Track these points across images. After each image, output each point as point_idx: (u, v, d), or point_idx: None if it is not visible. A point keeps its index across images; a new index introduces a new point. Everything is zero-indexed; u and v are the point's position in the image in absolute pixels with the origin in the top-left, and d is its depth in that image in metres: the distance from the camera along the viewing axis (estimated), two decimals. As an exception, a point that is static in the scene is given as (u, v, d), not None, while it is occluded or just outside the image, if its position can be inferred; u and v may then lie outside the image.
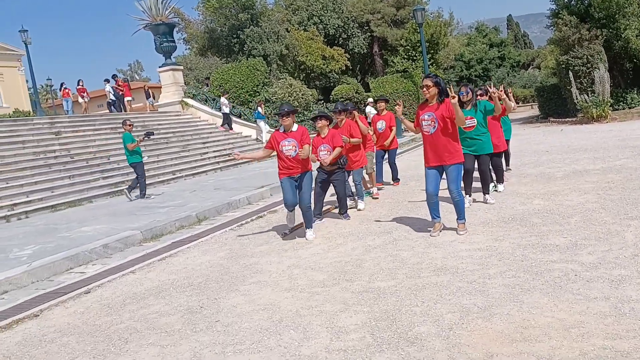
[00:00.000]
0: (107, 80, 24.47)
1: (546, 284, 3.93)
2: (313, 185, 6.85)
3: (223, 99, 22.07)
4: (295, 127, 6.54)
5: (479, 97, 7.94)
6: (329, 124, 7.31)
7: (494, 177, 7.94)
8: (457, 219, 5.81)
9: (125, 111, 23.42)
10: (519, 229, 5.56)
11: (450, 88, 5.67)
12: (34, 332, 4.42)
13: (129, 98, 24.46)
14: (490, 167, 7.68)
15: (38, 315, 4.84)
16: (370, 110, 18.10)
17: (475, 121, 6.97)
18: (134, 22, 24.95)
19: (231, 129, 22.14)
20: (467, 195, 7.14)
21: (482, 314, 3.54)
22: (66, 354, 3.84)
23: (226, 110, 22.06)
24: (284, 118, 6.47)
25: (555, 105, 23.29)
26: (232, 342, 3.66)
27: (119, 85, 24.15)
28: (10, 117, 22.02)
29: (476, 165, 7.18)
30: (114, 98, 23.90)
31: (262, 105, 22.13)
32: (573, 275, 4.03)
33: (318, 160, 7.07)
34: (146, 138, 12.29)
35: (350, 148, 7.86)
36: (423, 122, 5.68)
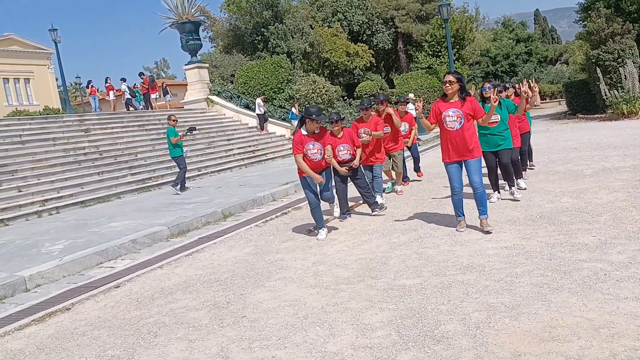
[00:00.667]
0: (124, 79, 24.82)
1: (575, 283, 3.87)
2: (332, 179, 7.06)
3: (259, 100, 21.85)
4: (318, 128, 6.55)
5: (499, 94, 7.93)
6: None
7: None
8: (479, 215, 5.74)
9: (152, 108, 23.72)
10: (547, 227, 5.49)
11: (471, 87, 5.73)
12: (66, 325, 4.53)
13: (155, 95, 24.82)
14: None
15: (70, 309, 4.96)
16: (410, 107, 17.62)
17: (499, 117, 6.92)
18: (160, 21, 25.27)
19: (262, 129, 22.00)
20: (496, 192, 7.21)
21: (509, 313, 3.51)
22: (97, 347, 3.93)
23: (261, 111, 21.87)
24: (313, 122, 6.40)
25: (584, 101, 22.84)
26: (258, 337, 3.70)
27: (144, 84, 24.46)
28: (40, 114, 22.56)
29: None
30: (130, 96, 24.16)
31: (296, 106, 22.13)
32: (602, 274, 3.97)
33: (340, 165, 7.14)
34: (189, 133, 12.75)
35: (373, 144, 7.91)
36: (447, 118, 5.66)
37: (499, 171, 7.27)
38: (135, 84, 25.90)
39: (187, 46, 24.19)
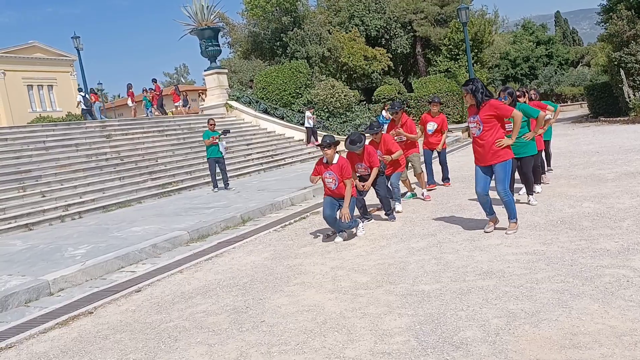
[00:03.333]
0: (80, 89, 25.06)
1: (596, 289, 3.83)
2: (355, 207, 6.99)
3: (308, 113, 21.47)
4: (336, 158, 6.60)
5: (517, 98, 7.86)
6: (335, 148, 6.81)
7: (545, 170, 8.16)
8: (508, 218, 5.87)
9: (165, 114, 24.06)
10: (568, 233, 5.43)
11: (492, 92, 5.72)
12: (89, 328, 4.61)
13: (178, 103, 25.32)
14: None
15: (92, 313, 5.04)
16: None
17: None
18: (180, 27, 25.58)
19: (309, 142, 21.37)
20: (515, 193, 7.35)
21: (529, 319, 3.48)
22: (119, 350, 3.99)
23: (310, 124, 21.29)
24: (326, 150, 6.53)
25: (606, 104, 22.51)
26: (277, 342, 3.72)
27: (155, 90, 24.77)
28: (63, 120, 22.96)
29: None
30: (85, 107, 24.16)
31: (386, 109, 21.98)
32: (625, 281, 3.91)
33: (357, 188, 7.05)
34: (222, 135, 13.18)
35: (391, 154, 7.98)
36: (470, 124, 5.86)
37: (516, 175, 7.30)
38: (144, 89, 26.19)
39: (207, 52, 24.43)
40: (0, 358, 4.18)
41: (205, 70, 24.86)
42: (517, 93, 7.94)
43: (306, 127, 21.61)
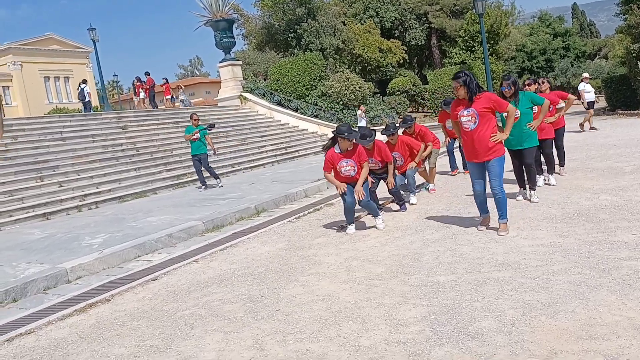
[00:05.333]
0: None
1: (614, 281, 3.80)
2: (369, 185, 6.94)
3: (360, 111, 21.25)
4: (351, 145, 6.52)
5: (526, 86, 7.84)
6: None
7: (544, 168, 7.85)
8: (498, 218, 5.57)
9: (157, 107, 24.16)
10: (584, 225, 5.38)
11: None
12: (107, 315, 4.67)
13: (169, 97, 25.38)
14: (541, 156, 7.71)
15: (110, 300, 5.11)
16: (584, 87, 16.47)
17: (519, 113, 6.56)
18: (195, 19, 25.65)
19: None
20: (522, 189, 7.10)
21: (545, 310, 3.46)
22: (137, 336, 4.05)
23: (363, 122, 20.94)
24: (347, 141, 6.41)
25: (624, 96, 22.17)
26: (292, 330, 3.75)
27: (146, 83, 24.83)
28: (80, 112, 23.18)
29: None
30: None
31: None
32: (643, 273, 3.87)
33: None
34: (208, 130, 12.71)
35: (406, 158, 8.13)
36: (462, 118, 5.50)
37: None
38: (133, 82, 26.40)
39: (221, 44, 24.48)
40: (20, 343, 4.26)
41: (219, 62, 24.93)
42: (527, 82, 7.95)
43: (359, 128, 20.68)
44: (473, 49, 30.01)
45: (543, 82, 8.82)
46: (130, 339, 4.01)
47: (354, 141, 6.61)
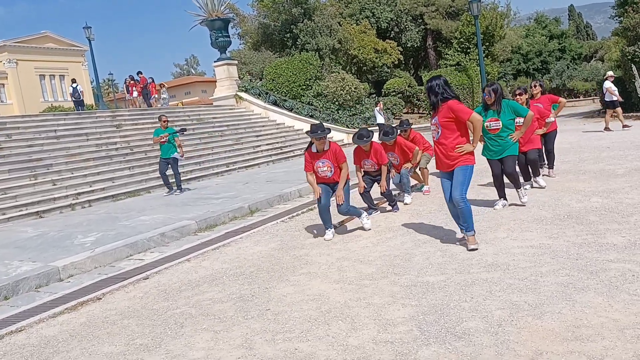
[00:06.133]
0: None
1: (601, 283, 3.83)
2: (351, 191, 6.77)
3: (378, 108, 20.94)
4: (327, 145, 6.38)
5: (517, 96, 7.71)
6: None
7: (531, 173, 7.77)
8: (464, 230, 5.26)
9: (151, 106, 24.10)
10: (574, 227, 5.42)
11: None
12: (97, 314, 4.68)
13: (155, 96, 25.27)
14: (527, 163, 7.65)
15: (101, 299, 5.12)
16: (609, 85, 16.06)
17: (500, 124, 6.46)
18: (191, 18, 25.61)
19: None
20: (502, 199, 6.81)
21: (532, 311, 3.50)
22: (126, 335, 4.06)
23: (381, 118, 20.60)
24: (321, 140, 6.30)
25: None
26: (282, 330, 3.76)
27: (139, 82, 24.74)
28: (74, 110, 23.13)
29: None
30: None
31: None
32: (630, 275, 3.91)
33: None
34: (179, 134, 12.17)
35: (402, 160, 8.27)
36: (432, 127, 5.42)
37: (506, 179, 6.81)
38: (126, 80, 26.26)
39: (217, 43, 24.46)
40: (11, 341, 4.26)
41: (215, 62, 24.91)
42: (518, 91, 7.84)
43: (378, 125, 19.86)
44: (468, 50, 30.04)
45: (535, 86, 8.75)
46: (120, 338, 4.02)
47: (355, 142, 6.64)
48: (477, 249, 5.08)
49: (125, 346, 3.84)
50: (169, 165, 11.82)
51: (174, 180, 12.08)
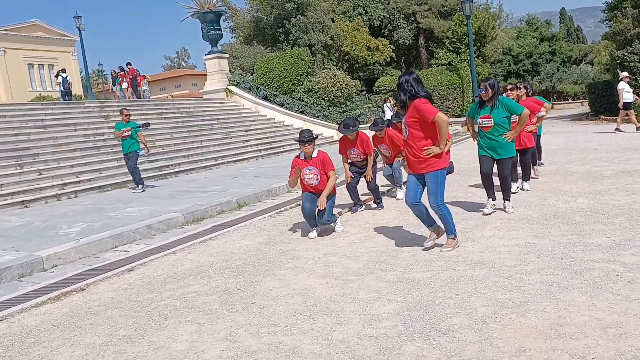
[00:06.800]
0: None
1: (585, 282, 3.86)
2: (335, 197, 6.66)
3: (388, 104, 20.70)
4: (315, 152, 6.31)
5: (508, 91, 7.60)
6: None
7: (520, 174, 7.68)
8: (446, 233, 5.16)
9: (139, 97, 23.92)
10: (560, 227, 5.46)
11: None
12: (80, 304, 4.63)
13: (142, 88, 25.09)
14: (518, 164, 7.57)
15: (84, 289, 5.06)
16: (624, 86, 15.50)
17: (492, 121, 6.15)
18: (182, 10, 25.42)
19: None
20: (490, 199, 6.47)
21: (516, 309, 3.51)
22: (109, 326, 4.02)
23: (389, 114, 20.26)
24: (306, 145, 6.20)
25: (607, 102, 22.48)
26: (266, 323, 3.75)
27: (128, 73, 24.54)
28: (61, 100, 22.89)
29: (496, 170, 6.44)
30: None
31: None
32: (614, 275, 3.94)
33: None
34: (142, 129, 11.65)
35: (394, 152, 8.26)
36: (404, 126, 5.19)
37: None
38: (113, 71, 26.01)
39: (208, 36, 24.31)
40: (-9, 330, 4.21)
41: (206, 54, 24.76)
42: (509, 86, 7.85)
43: (387, 121, 19.94)
44: (460, 50, 30.16)
45: (519, 88, 8.22)
46: (103, 328, 3.99)
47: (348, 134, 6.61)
48: (451, 250, 5.01)
49: (108, 337, 3.81)
50: (129, 160, 11.26)
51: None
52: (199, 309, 4.20)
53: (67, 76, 23.10)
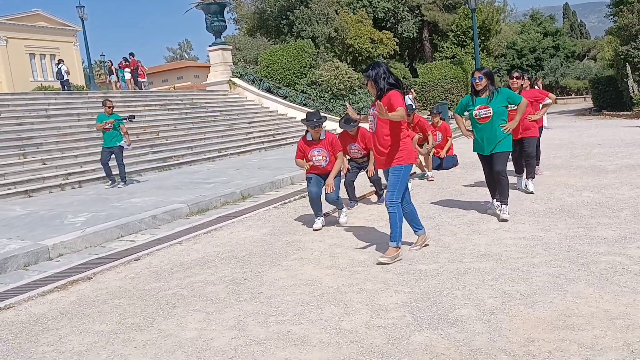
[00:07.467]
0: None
1: (592, 275, 3.87)
2: (342, 181, 6.67)
3: (411, 95, 20.51)
4: (323, 134, 6.27)
5: (514, 79, 7.23)
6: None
7: (525, 170, 7.21)
8: (389, 239, 4.77)
9: (141, 88, 23.92)
10: (566, 220, 5.46)
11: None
12: (88, 293, 4.65)
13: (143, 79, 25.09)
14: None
15: (91, 278, 5.08)
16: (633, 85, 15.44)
17: (491, 111, 5.66)
18: (186, 1, 25.33)
19: None
20: (495, 200, 6.00)
21: (524, 300, 3.52)
22: (118, 314, 4.04)
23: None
24: (315, 129, 6.20)
25: (610, 98, 22.46)
26: (274, 312, 3.77)
27: (131, 64, 24.56)
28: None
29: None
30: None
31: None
32: (621, 267, 3.95)
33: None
34: (127, 121, 11.35)
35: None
36: (369, 116, 4.95)
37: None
38: (109, 61, 26.03)
39: (212, 27, 24.27)
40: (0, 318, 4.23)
41: (209, 46, 24.72)
42: (516, 74, 7.35)
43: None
44: (464, 43, 30.11)
45: (524, 79, 7.75)
46: (112, 317, 4.00)
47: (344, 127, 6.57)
48: (388, 264, 4.58)
49: (116, 325, 3.83)
50: (112, 155, 10.86)
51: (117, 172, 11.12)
52: (207, 298, 4.22)
53: (61, 67, 22.98)
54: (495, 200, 6.01)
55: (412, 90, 22.59)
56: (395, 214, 4.71)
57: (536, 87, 17.77)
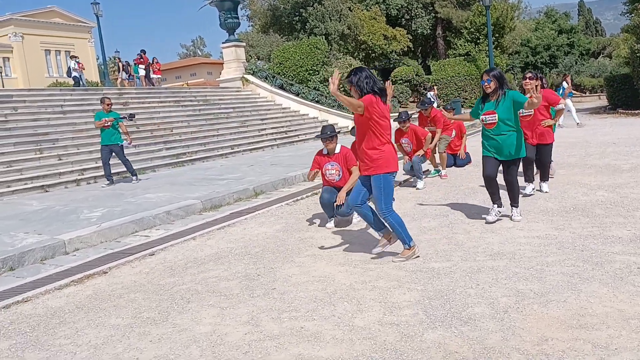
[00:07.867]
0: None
1: (606, 274, 3.85)
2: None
3: (432, 92, 20.54)
4: (338, 148, 6.29)
5: (527, 79, 6.79)
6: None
7: (538, 173, 7.08)
8: (401, 243, 4.76)
9: (153, 85, 24.05)
10: (580, 219, 5.44)
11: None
12: (104, 287, 4.72)
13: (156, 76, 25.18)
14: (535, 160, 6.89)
15: (107, 273, 5.15)
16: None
17: (497, 117, 5.43)
18: (199, -2, 25.43)
19: None
20: (495, 205, 5.74)
21: (538, 299, 3.52)
22: (133, 308, 4.10)
23: (434, 104, 20.16)
24: (329, 141, 6.20)
25: (625, 96, 22.18)
26: (287, 308, 3.80)
27: (142, 60, 24.73)
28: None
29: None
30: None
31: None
32: (635, 267, 3.93)
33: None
34: (127, 120, 11.28)
35: (417, 144, 8.47)
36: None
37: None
38: (118, 59, 26.45)
39: (225, 24, 24.33)
40: (17, 310, 4.30)
41: (223, 43, 24.79)
42: (529, 75, 7.26)
43: None
44: (478, 41, 29.89)
45: (537, 79, 7.11)
46: (127, 311, 4.06)
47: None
48: (405, 260, 4.63)
49: (132, 319, 3.88)
50: (112, 154, 10.69)
51: (125, 169, 11.11)
52: (221, 293, 4.26)
53: (72, 63, 23.14)
54: (496, 206, 5.74)
55: (435, 87, 22.60)
56: (394, 223, 4.69)
57: (565, 83, 17.63)
